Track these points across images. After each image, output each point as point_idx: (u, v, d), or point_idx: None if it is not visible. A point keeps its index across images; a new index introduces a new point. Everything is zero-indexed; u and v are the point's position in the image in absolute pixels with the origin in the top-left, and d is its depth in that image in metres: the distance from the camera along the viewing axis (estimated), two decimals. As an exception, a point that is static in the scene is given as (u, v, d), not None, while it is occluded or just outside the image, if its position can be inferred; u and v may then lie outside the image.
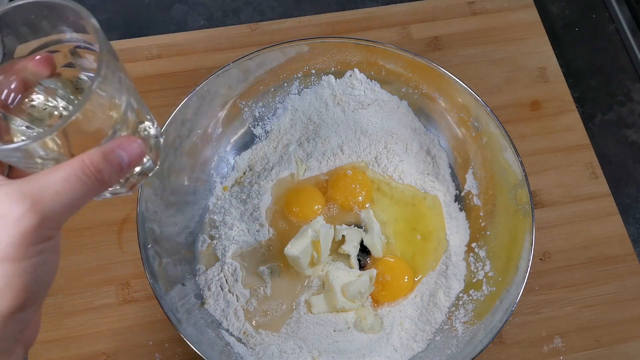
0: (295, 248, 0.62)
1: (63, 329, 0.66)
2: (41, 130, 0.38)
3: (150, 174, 0.41)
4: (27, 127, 0.38)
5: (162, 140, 0.42)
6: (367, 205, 0.69)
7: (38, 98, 0.39)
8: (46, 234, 0.33)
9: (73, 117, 0.32)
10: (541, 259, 0.71)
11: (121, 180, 0.40)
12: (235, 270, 0.65)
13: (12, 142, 0.34)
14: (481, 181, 0.68)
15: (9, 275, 0.32)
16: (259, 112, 0.72)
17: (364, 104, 0.72)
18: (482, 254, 0.65)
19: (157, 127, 0.41)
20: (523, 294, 0.57)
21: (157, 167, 0.41)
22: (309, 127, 0.72)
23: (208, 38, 0.83)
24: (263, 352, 0.61)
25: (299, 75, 0.71)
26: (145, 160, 0.40)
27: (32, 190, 0.32)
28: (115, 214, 0.72)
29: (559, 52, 0.85)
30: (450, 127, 0.70)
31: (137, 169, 0.40)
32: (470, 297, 0.64)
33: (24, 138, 0.34)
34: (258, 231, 0.67)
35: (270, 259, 0.66)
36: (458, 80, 0.66)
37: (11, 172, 0.37)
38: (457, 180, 0.70)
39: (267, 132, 0.72)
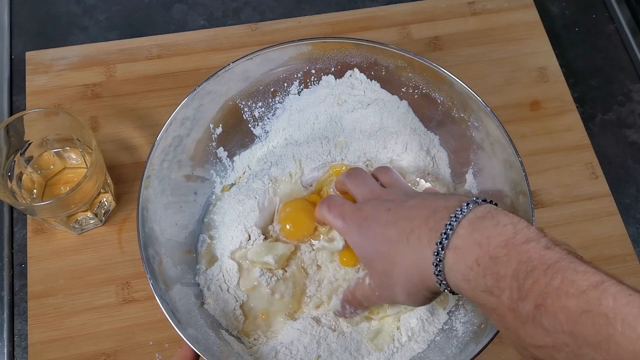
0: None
1: (63, 329, 0.66)
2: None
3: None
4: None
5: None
6: None
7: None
8: None
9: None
10: (541, 259, 0.71)
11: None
12: (234, 270, 0.65)
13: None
14: (481, 181, 0.68)
15: None
16: (258, 112, 0.72)
17: (364, 103, 0.72)
18: (482, 254, 0.65)
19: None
20: (523, 294, 0.57)
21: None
22: (309, 127, 0.72)
23: (208, 38, 0.83)
24: (263, 352, 0.61)
25: (299, 75, 0.71)
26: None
27: None
28: (115, 214, 0.72)
29: (559, 52, 0.85)
30: (450, 127, 0.70)
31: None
32: (470, 297, 0.63)
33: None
34: (257, 232, 0.67)
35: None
36: (458, 80, 0.66)
37: None
38: (457, 180, 0.70)
39: (267, 132, 0.72)
